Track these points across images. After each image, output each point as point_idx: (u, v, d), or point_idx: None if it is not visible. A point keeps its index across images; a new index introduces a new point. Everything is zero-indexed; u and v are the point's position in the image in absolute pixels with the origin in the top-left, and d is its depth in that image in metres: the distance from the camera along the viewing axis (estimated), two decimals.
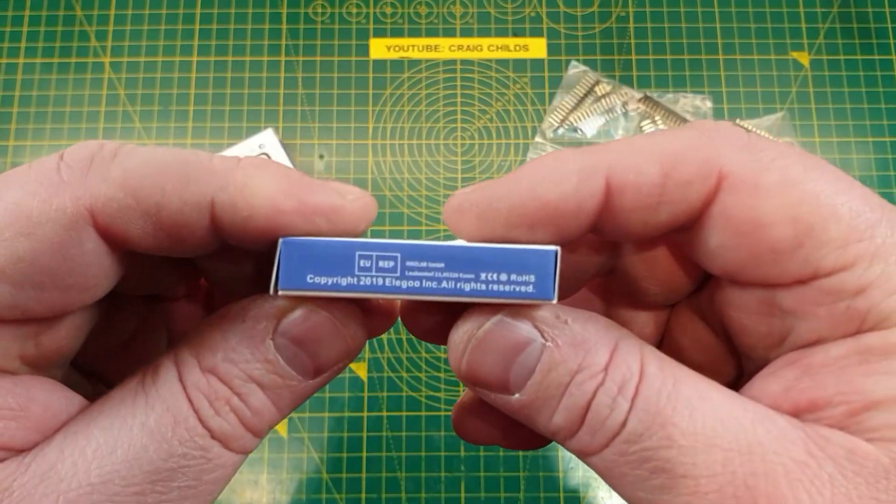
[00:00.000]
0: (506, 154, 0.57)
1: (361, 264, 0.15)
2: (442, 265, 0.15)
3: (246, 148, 0.53)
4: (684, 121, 0.56)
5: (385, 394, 0.52)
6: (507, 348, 0.15)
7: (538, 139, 0.57)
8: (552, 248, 0.15)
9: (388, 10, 0.59)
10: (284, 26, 0.59)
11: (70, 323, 0.16)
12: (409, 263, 0.15)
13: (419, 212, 0.55)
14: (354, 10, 0.59)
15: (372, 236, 0.55)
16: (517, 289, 0.15)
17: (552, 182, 0.15)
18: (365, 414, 0.51)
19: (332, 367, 0.17)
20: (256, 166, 0.15)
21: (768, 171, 0.15)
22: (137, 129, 0.57)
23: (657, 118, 0.57)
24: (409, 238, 0.55)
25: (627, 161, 0.15)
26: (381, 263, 0.15)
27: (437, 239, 0.55)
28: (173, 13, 0.59)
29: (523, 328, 0.15)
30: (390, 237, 0.55)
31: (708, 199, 0.15)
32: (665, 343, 0.21)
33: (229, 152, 0.53)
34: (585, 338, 0.15)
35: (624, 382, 0.15)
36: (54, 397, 0.16)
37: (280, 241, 0.15)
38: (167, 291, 0.20)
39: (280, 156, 0.53)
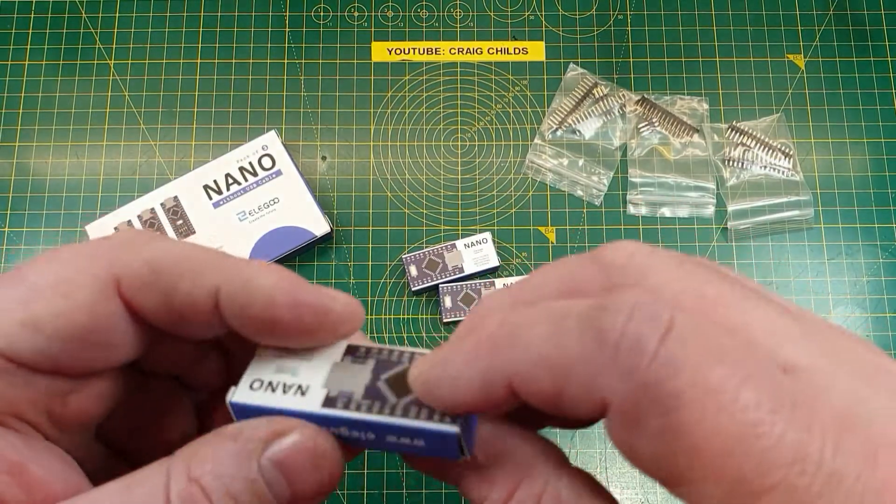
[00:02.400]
0: (505, 155, 0.57)
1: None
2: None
3: (249, 149, 0.54)
4: (681, 123, 0.57)
5: None
6: (439, 465, 0.19)
7: (537, 141, 0.57)
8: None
9: (390, 14, 0.60)
10: (287, 29, 0.59)
11: (96, 387, 0.18)
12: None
13: (420, 212, 0.56)
14: (356, 14, 0.60)
15: (374, 236, 0.55)
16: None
17: (466, 386, 0.16)
18: None
19: (306, 500, 0.18)
20: (262, 266, 0.18)
21: (650, 414, 0.14)
22: (142, 130, 0.57)
23: (654, 120, 0.57)
24: (408, 240, 0.55)
25: (526, 370, 0.15)
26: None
27: (438, 240, 0.55)
28: (177, 16, 0.59)
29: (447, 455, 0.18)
30: (392, 238, 0.55)
31: (599, 415, 0.15)
32: None
33: (233, 154, 0.54)
34: (492, 475, 0.18)
35: None
36: (57, 468, 0.17)
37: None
38: (200, 385, 0.22)
39: (283, 157, 0.54)
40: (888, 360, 0.15)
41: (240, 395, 0.18)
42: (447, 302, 0.53)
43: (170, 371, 0.21)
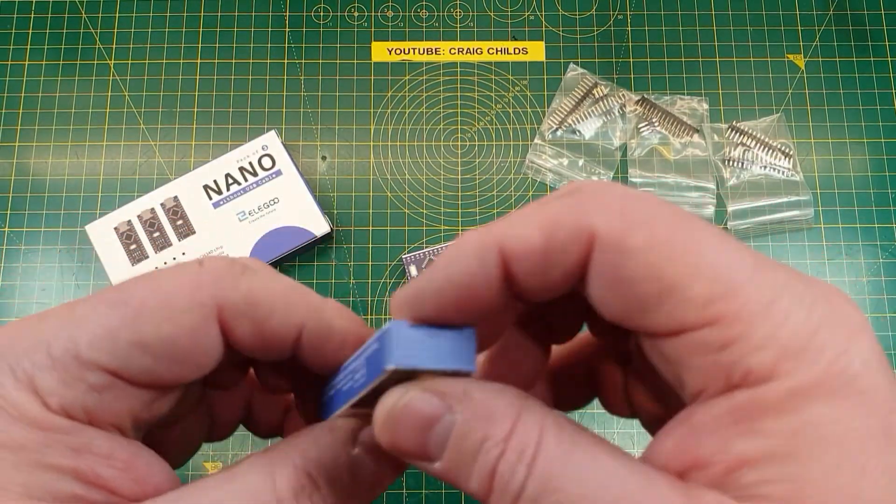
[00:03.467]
0: (505, 155, 0.57)
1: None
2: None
3: (249, 149, 0.54)
4: (681, 123, 0.57)
5: None
6: (421, 422, 0.17)
7: (537, 141, 0.57)
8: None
9: (390, 14, 0.60)
10: (287, 29, 0.59)
11: (174, 393, 0.20)
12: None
13: (420, 212, 0.56)
14: (356, 14, 0.60)
15: (374, 236, 0.55)
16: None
17: (458, 267, 0.17)
18: None
19: (381, 483, 0.20)
20: (338, 308, 0.20)
21: (635, 231, 0.16)
22: (142, 130, 0.57)
23: (654, 120, 0.57)
24: (408, 240, 0.55)
25: (514, 232, 0.17)
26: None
27: (438, 240, 0.55)
28: (177, 16, 0.59)
29: (433, 403, 0.17)
30: (392, 238, 0.55)
31: (585, 258, 0.16)
32: (634, 368, 0.23)
33: (233, 154, 0.54)
34: (490, 410, 0.17)
35: (523, 451, 0.16)
36: (155, 463, 0.19)
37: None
38: (223, 384, 0.23)
39: (283, 157, 0.54)
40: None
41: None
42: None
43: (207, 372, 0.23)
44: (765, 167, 0.56)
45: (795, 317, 0.15)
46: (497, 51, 0.59)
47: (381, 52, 0.59)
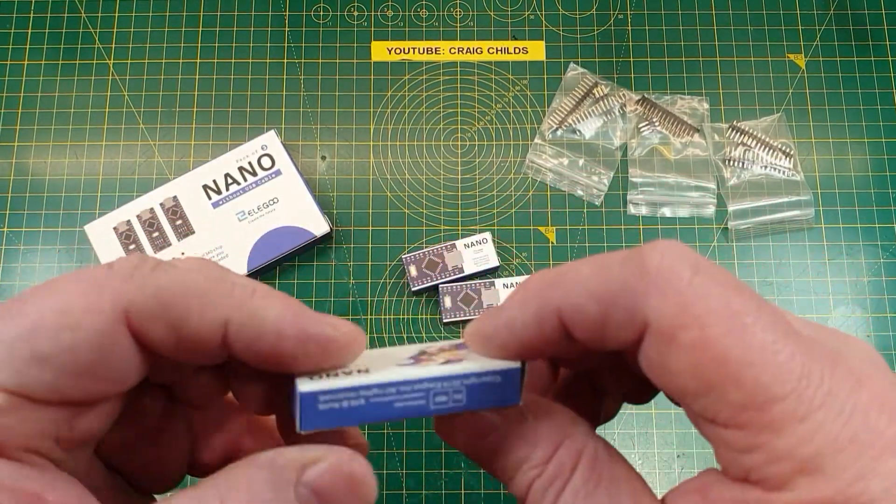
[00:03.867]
0: (505, 155, 0.57)
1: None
2: (423, 399, 0.19)
3: (249, 149, 0.54)
4: (682, 122, 0.57)
5: None
6: (476, 432, 0.19)
7: (537, 140, 0.57)
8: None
9: (389, 13, 0.60)
10: (287, 29, 0.59)
11: (100, 409, 0.18)
12: (402, 389, 0.19)
13: (420, 212, 0.56)
14: (356, 13, 0.60)
15: (374, 236, 0.55)
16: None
17: (521, 326, 0.18)
18: None
19: None
20: (267, 296, 0.18)
21: (686, 328, 0.16)
22: (141, 130, 0.57)
23: (655, 120, 0.57)
24: (408, 239, 0.55)
25: (574, 301, 0.17)
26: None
27: (438, 240, 0.55)
28: (177, 15, 0.59)
29: (490, 418, 0.19)
30: (392, 238, 0.55)
31: (638, 339, 0.17)
32: None
33: (232, 154, 0.54)
34: (536, 434, 0.19)
35: (555, 477, 0.18)
36: (72, 496, 0.17)
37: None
38: (195, 399, 0.22)
39: (282, 157, 0.54)
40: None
41: (304, 385, 0.18)
42: (447, 302, 0.52)
43: (164, 384, 0.21)
44: (765, 167, 0.56)
45: (826, 432, 0.15)
46: (497, 50, 0.59)
47: (380, 51, 0.59)
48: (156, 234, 0.53)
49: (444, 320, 0.52)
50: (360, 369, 0.19)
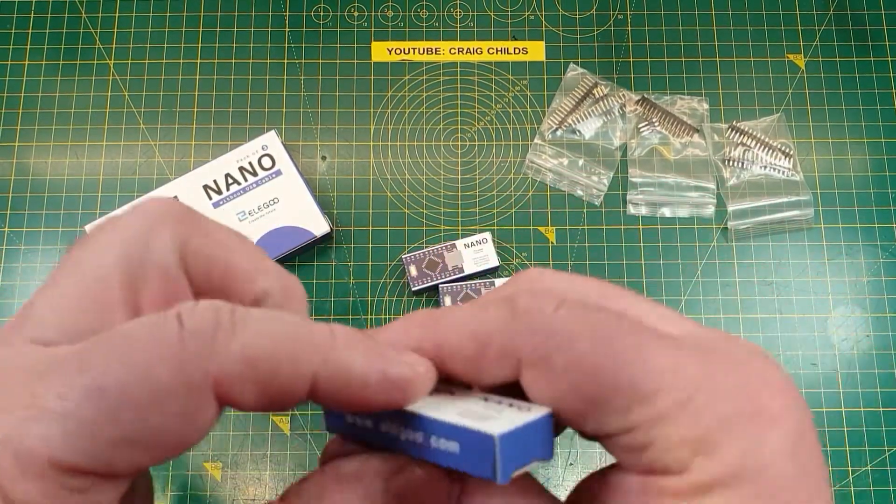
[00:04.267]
0: (505, 155, 0.57)
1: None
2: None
3: (249, 149, 0.54)
4: (681, 123, 0.57)
5: None
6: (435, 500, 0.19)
7: (537, 140, 0.57)
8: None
9: (390, 14, 0.60)
10: (287, 29, 0.59)
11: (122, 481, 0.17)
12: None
13: (420, 212, 0.56)
14: (356, 14, 0.60)
15: (374, 236, 0.55)
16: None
17: (396, 357, 0.18)
18: None
19: None
20: (349, 343, 0.18)
21: (555, 354, 0.17)
22: (142, 130, 0.57)
23: (654, 120, 0.57)
24: (408, 239, 0.55)
25: (452, 340, 0.18)
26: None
27: (438, 240, 0.55)
28: (177, 16, 0.59)
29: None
30: (392, 238, 0.55)
31: (515, 372, 0.18)
32: None
33: (233, 154, 0.54)
34: None
35: None
36: None
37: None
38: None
39: (283, 157, 0.54)
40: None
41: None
42: (447, 302, 0.52)
43: None
44: (765, 167, 0.56)
45: (711, 412, 0.16)
46: (497, 51, 0.59)
47: (381, 51, 0.59)
48: None
49: None
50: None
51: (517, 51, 0.59)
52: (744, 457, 0.16)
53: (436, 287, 0.53)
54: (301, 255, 0.55)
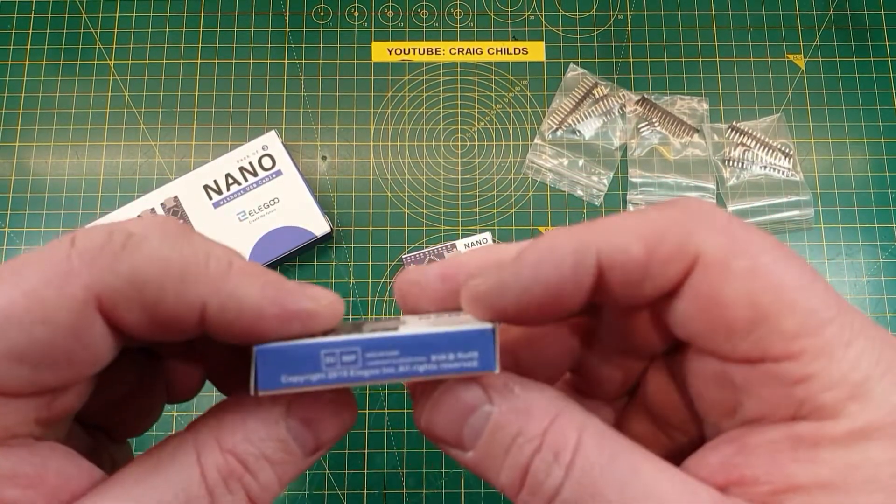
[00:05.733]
0: (505, 155, 0.57)
1: (327, 361, 0.17)
2: (397, 353, 0.17)
3: (249, 149, 0.54)
4: (681, 123, 0.57)
5: (387, 391, 0.52)
6: (459, 410, 0.17)
7: (537, 141, 0.57)
8: (489, 326, 0.17)
9: (390, 14, 0.60)
10: (287, 29, 0.59)
11: (76, 388, 0.18)
12: (368, 354, 0.17)
13: (420, 212, 0.56)
14: (356, 14, 0.60)
15: (374, 236, 0.55)
16: (464, 364, 0.17)
17: (550, 269, 0.16)
18: (367, 411, 0.52)
19: (329, 444, 0.19)
20: (245, 273, 0.17)
21: (740, 256, 0.16)
22: (142, 130, 0.57)
23: (654, 120, 0.57)
24: (408, 240, 0.55)
25: (616, 241, 0.16)
26: (344, 358, 0.17)
27: (438, 240, 0.55)
28: (178, 16, 0.59)
29: (473, 393, 0.17)
30: (392, 238, 0.55)
31: (685, 275, 0.16)
32: (639, 393, 0.22)
33: (233, 154, 0.54)
34: (528, 405, 0.17)
35: (559, 451, 0.16)
36: (69, 466, 0.17)
37: (254, 349, 0.17)
38: (165, 350, 0.22)
39: (283, 157, 0.54)
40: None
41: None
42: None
43: (144, 345, 0.21)
44: (765, 167, 0.56)
45: (868, 360, 0.15)
46: (497, 51, 0.59)
47: (381, 52, 0.59)
48: None
49: None
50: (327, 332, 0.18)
51: (517, 51, 0.59)
52: None
53: None
54: (301, 255, 0.55)
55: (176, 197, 0.53)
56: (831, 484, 0.15)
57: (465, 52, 0.59)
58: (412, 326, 0.18)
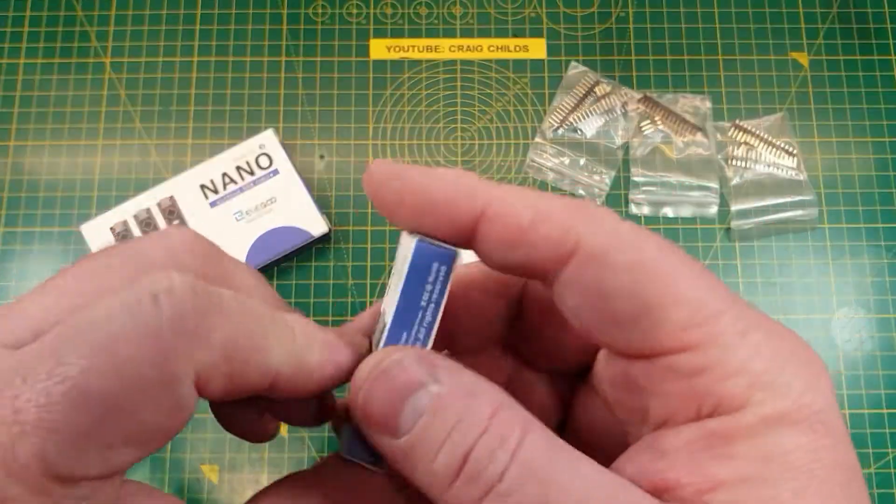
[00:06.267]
0: (506, 154, 0.57)
1: None
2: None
3: (246, 148, 0.53)
4: (684, 121, 0.57)
5: None
6: (402, 386, 0.16)
7: (538, 139, 0.57)
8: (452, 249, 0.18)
9: (389, 11, 0.59)
10: (285, 27, 0.59)
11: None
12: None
13: None
14: (355, 11, 0.60)
15: (372, 237, 0.55)
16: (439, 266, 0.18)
17: (448, 185, 0.17)
18: None
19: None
20: (307, 334, 0.17)
21: (622, 251, 0.16)
22: (138, 129, 0.57)
23: (657, 118, 0.57)
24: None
25: (509, 200, 0.17)
26: None
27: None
28: (174, 13, 0.59)
29: (420, 369, 0.16)
30: (391, 238, 0.55)
31: (560, 260, 0.17)
32: (568, 424, 0.22)
33: (230, 153, 0.53)
34: (475, 389, 0.16)
35: (505, 438, 0.15)
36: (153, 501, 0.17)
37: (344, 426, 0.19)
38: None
39: (280, 156, 0.53)
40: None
41: None
42: None
43: None
44: (768, 166, 0.56)
45: (766, 350, 0.15)
46: (497, 48, 0.59)
47: (379, 49, 0.59)
48: None
49: None
50: None
51: (518, 48, 0.59)
52: (803, 397, 0.15)
53: None
54: (299, 256, 0.54)
55: (172, 196, 0.53)
56: (751, 476, 0.15)
57: (464, 49, 0.59)
58: (389, 303, 0.18)
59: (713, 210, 0.56)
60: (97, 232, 0.52)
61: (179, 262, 0.17)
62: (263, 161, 0.53)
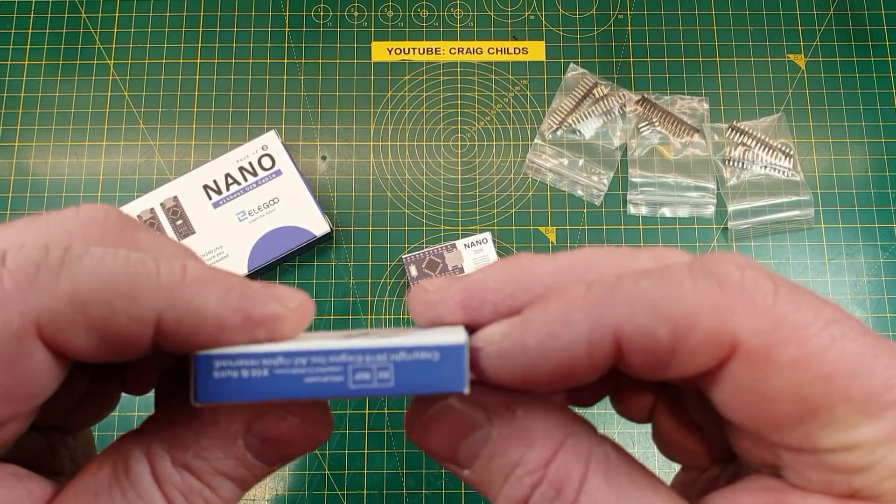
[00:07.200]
0: (505, 155, 0.57)
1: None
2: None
3: (249, 149, 0.54)
4: (681, 122, 0.57)
5: None
6: (455, 430, 0.16)
7: (537, 140, 0.57)
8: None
9: (390, 14, 0.60)
10: (287, 29, 0.59)
11: (14, 422, 0.16)
12: (315, 360, 0.15)
13: (420, 212, 0.56)
14: (356, 14, 0.60)
15: (374, 236, 0.55)
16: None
17: (562, 346, 0.15)
18: (367, 411, 0.52)
19: (296, 457, 0.17)
20: (202, 281, 0.15)
21: (784, 345, 0.14)
22: (141, 130, 0.57)
23: (654, 120, 0.57)
24: (408, 240, 0.55)
25: (639, 321, 0.14)
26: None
27: (438, 240, 0.55)
28: (177, 16, 0.59)
29: (472, 413, 0.16)
30: (392, 238, 0.55)
31: (719, 364, 0.15)
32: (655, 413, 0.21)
33: (233, 154, 0.54)
34: (531, 430, 0.15)
35: (562, 487, 0.15)
36: (16, 492, 0.15)
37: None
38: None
39: (283, 157, 0.54)
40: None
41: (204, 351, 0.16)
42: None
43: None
44: (765, 167, 0.56)
45: None
46: (497, 50, 0.59)
47: (381, 51, 0.59)
48: None
49: None
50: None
51: (517, 51, 0.59)
52: None
53: None
54: (301, 255, 0.55)
55: (175, 197, 0.53)
56: None
57: (464, 51, 0.59)
58: (389, 338, 0.16)
59: (710, 210, 0.56)
60: None
61: (85, 232, 0.16)
62: (266, 162, 0.54)
